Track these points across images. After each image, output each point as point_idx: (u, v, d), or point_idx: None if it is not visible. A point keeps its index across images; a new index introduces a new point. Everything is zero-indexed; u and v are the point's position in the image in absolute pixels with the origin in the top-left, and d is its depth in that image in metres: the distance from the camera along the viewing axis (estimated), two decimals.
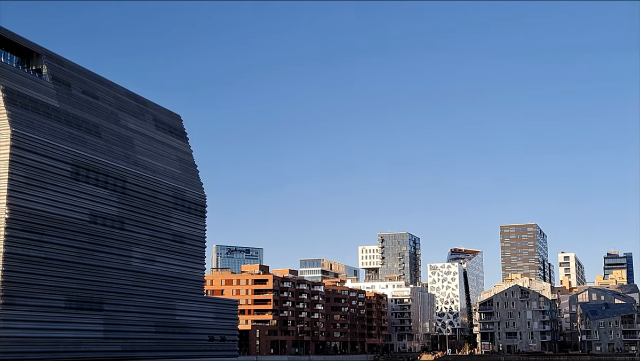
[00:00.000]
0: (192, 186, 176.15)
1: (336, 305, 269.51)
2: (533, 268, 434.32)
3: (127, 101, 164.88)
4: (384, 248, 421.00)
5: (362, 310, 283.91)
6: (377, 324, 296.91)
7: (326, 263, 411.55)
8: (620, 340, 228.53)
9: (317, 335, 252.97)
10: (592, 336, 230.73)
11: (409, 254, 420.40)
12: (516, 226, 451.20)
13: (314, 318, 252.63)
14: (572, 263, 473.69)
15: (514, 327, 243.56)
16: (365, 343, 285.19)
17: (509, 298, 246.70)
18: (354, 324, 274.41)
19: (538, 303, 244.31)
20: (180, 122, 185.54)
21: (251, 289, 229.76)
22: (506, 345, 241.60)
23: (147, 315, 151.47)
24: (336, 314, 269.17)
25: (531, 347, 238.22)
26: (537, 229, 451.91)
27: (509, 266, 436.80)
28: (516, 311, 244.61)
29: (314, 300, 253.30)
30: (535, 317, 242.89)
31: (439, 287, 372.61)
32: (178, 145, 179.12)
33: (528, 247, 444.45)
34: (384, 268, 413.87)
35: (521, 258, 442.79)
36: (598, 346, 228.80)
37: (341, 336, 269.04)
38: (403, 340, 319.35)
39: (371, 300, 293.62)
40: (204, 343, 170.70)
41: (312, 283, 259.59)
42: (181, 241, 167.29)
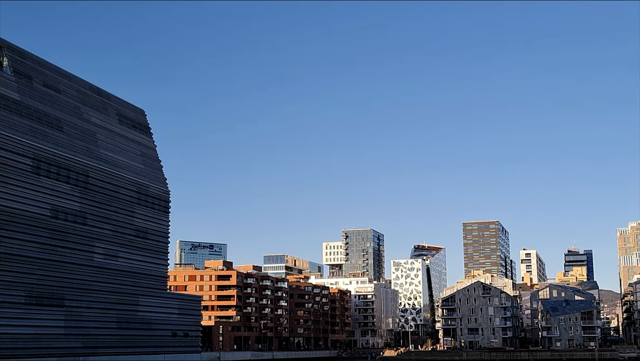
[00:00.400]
0: (156, 181, 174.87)
1: (300, 301, 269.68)
2: (495, 265, 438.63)
3: (90, 94, 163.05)
4: (348, 244, 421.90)
5: (326, 306, 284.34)
6: (340, 320, 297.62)
7: (290, 259, 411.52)
8: (580, 335, 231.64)
9: (280, 331, 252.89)
10: (552, 332, 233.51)
11: (373, 251, 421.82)
12: (478, 223, 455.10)
13: (278, 314, 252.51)
14: (534, 260, 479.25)
15: (475, 323, 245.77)
16: (328, 339, 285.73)
17: (471, 295, 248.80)
18: (317, 320, 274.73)
19: (499, 300, 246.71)
20: (144, 117, 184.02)
21: (214, 285, 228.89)
22: (468, 340, 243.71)
23: (109, 310, 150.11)
24: (300, 310, 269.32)
25: (492, 343, 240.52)
26: (499, 226, 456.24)
27: (471, 263, 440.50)
28: (478, 307, 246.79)
29: (277, 296, 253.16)
30: (497, 313, 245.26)
31: (402, 283, 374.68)
32: (142, 140, 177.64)
33: (490, 244, 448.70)
34: (348, 265, 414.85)
35: (483, 254, 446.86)
36: (558, 342, 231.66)
37: (304, 332, 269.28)
38: (366, 336, 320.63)
39: (335, 296, 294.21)
40: (167, 339, 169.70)
41: (275, 279, 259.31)
42: (144, 237, 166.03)
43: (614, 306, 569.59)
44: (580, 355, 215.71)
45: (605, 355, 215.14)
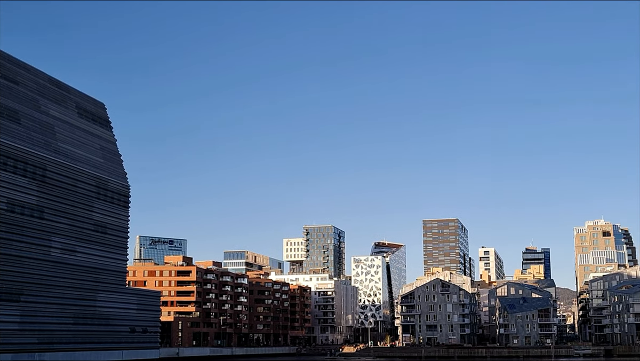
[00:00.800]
0: (116, 176, 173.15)
1: (260, 297, 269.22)
2: (454, 262, 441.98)
3: (48, 87, 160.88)
4: (309, 240, 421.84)
5: (286, 302, 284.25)
6: (300, 316, 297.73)
7: (250, 255, 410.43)
8: (536, 333, 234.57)
9: (240, 327, 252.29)
10: (509, 329, 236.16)
11: (334, 248, 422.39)
12: (438, 221, 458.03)
13: (237, 310, 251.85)
14: (492, 258, 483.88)
15: (434, 320, 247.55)
16: (288, 336, 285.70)
17: (430, 292, 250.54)
18: (277, 316, 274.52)
19: (458, 297, 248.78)
20: (104, 111, 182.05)
21: (174, 281, 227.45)
22: (426, 337, 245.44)
23: (66, 306, 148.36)
24: (260, 306, 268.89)
25: (451, 340, 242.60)
26: (458, 224, 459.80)
27: (431, 260, 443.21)
28: (437, 304, 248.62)
29: (237, 292, 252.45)
30: (455, 310, 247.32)
31: (363, 280, 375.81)
32: (101, 133, 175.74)
33: (449, 241, 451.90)
34: (309, 261, 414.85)
35: (443, 252, 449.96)
36: (515, 339, 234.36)
37: (264, 329, 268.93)
38: (326, 332, 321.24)
39: (295, 293, 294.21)
40: (125, 335, 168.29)
41: (235, 275, 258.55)
42: (103, 232, 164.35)
43: (570, 303, 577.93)
44: (537, 352, 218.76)
45: (560, 352, 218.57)
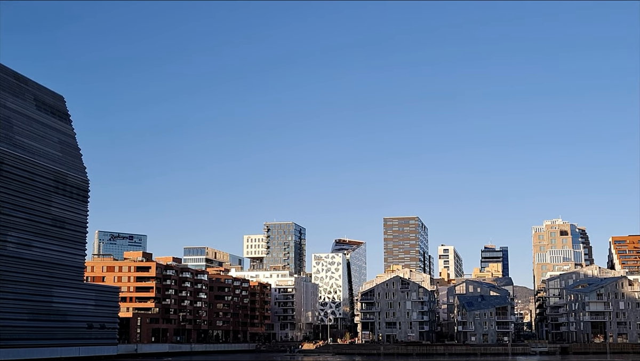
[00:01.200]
0: (74, 170, 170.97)
1: (220, 293, 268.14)
2: (414, 260, 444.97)
3: (5, 78, 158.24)
4: (270, 237, 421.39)
5: (246, 299, 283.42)
6: (260, 313, 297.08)
7: (211, 251, 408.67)
8: (494, 330, 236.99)
9: (199, 324, 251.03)
10: (467, 326, 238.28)
11: (294, 244, 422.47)
12: (399, 219, 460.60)
13: (197, 306, 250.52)
14: (451, 256, 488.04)
15: (393, 317, 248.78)
16: (247, 332, 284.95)
17: (390, 289, 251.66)
18: (237, 313, 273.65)
19: (417, 294, 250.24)
20: (63, 104, 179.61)
21: (133, 277, 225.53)
22: (386, 334, 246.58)
23: (21, 301, 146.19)
24: (219, 303, 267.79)
25: (409, 337, 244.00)
26: (419, 222, 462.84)
27: (391, 258, 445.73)
28: (396, 301, 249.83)
29: (197, 289, 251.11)
30: (415, 308, 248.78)
31: (323, 277, 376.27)
32: (60, 127, 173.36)
33: (410, 239, 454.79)
34: (269, 258, 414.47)
35: (403, 249, 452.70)
36: (473, 336, 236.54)
37: (224, 325, 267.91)
38: (285, 329, 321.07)
39: (255, 289, 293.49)
40: (82, 331, 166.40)
41: (195, 272, 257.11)
42: (61, 226, 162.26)
43: (528, 302, 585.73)
44: (494, 349, 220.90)
45: (518, 350, 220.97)
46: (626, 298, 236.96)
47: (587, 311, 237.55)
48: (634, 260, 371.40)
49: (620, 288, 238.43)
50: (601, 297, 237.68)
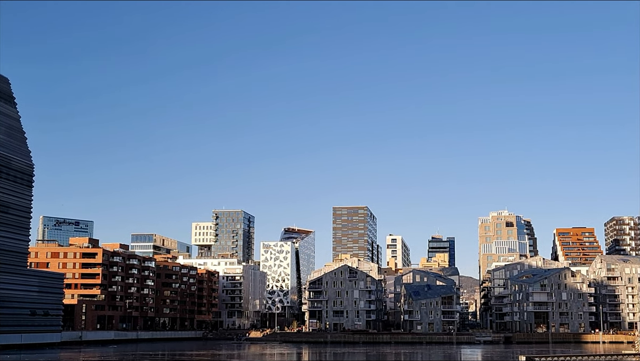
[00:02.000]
0: (19, 154, 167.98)
1: (167, 281, 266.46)
2: (362, 249, 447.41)
3: None
4: (218, 225, 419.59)
5: (193, 286, 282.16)
6: (207, 301, 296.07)
7: (159, 238, 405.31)
8: (439, 319, 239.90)
9: (146, 311, 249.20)
10: (414, 315, 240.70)
11: (243, 232, 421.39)
12: (348, 208, 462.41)
13: (144, 293, 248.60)
14: (399, 245, 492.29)
15: (341, 306, 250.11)
16: (195, 320, 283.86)
17: (338, 278, 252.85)
18: (184, 300, 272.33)
19: (365, 283, 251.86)
20: (8, 86, 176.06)
21: (79, 263, 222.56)
22: (333, 323, 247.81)
23: None
24: (167, 290, 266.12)
25: (356, 325, 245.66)
26: (367, 211, 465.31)
27: (340, 247, 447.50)
28: (344, 290, 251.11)
29: (144, 276, 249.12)
30: (362, 296, 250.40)
31: (271, 265, 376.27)
32: (4, 110, 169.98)
33: (358, 229, 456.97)
34: (217, 245, 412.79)
35: (351, 239, 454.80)
36: (419, 325, 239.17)
37: (171, 313, 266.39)
38: (233, 317, 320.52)
39: (203, 277, 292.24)
40: (25, 318, 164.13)
41: (143, 258, 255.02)
42: (4, 211, 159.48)
43: (473, 291, 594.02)
44: (439, 338, 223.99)
45: (462, 339, 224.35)
46: (568, 289, 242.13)
47: (530, 301, 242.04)
48: (577, 252, 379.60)
49: (563, 279, 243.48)
50: (544, 288, 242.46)
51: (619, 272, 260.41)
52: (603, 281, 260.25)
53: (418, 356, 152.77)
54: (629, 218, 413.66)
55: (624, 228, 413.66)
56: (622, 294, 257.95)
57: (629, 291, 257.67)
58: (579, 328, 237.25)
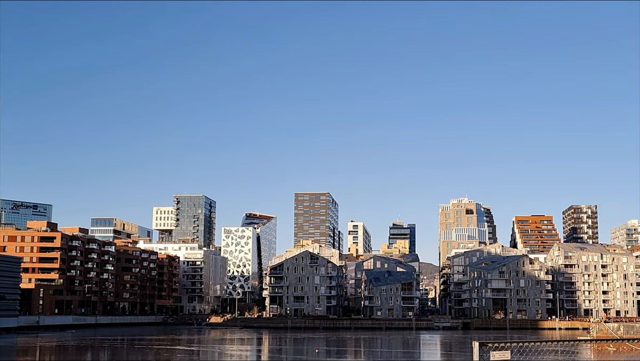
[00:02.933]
0: None
1: (127, 265, 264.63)
2: (324, 235, 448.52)
3: None
4: (179, 209, 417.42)
5: (154, 271, 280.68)
6: (168, 286, 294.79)
7: (119, 222, 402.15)
8: (399, 305, 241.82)
9: (105, 296, 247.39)
10: (374, 301, 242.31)
11: (204, 217, 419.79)
12: (310, 194, 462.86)
13: (103, 278, 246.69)
14: (360, 232, 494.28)
15: (302, 291, 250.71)
16: (155, 305, 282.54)
17: (299, 264, 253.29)
18: (144, 285, 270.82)
19: (326, 269, 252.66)
20: None
21: (37, 247, 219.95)
22: (294, 308, 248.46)
23: None
24: (126, 275, 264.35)
25: (317, 311, 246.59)
26: (329, 198, 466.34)
27: (301, 233, 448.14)
28: (305, 276, 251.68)
29: (104, 260, 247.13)
30: (323, 282, 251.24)
31: (232, 251, 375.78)
32: None
33: (320, 215, 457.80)
34: (178, 230, 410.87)
35: (313, 225, 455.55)
36: (379, 311, 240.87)
37: (131, 297, 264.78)
38: (193, 302, 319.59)
39: (163, 262, 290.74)
40: None
41: (102, 243, 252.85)
42: None
43: (433, 278, 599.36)
44: (399, 324, 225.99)
45: (421, 325, 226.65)
46: (526, 276, 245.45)
47: (489, 288, 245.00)
48: (536, 240, 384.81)
49: (521, 267, 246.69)
50: (503, 275, 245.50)
51: (576, 260, 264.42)
52: (560, 268, 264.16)
53: (377, 342, 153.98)
54: (587, 206, 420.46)
55: (581, 217, 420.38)
56: (578, 282, 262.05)
57: (585, 278, 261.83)
58: (536, 315, 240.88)
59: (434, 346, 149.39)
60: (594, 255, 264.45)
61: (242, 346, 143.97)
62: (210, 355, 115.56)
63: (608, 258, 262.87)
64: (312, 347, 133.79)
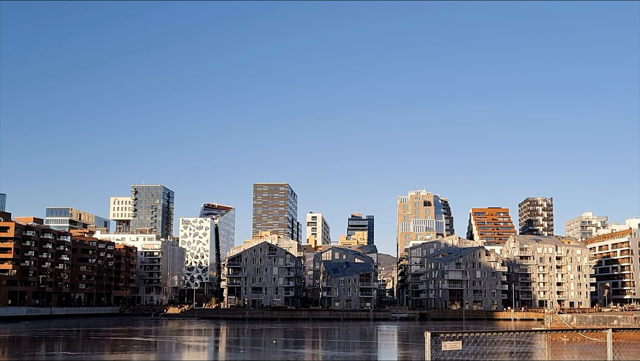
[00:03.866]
0: None
1: (83, 256, 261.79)
2: (282, 226, 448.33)
3: None
4: (137, 200, 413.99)
5: (111, 262, 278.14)
6: (125, 276, 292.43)
7: (75, 212, 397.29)
8: (357, 296, 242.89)
9: (60, 286, 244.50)
10: (332, 292, 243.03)
11: (162, 208, 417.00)
12: (269, 185, 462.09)
13: (59, 268, 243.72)
14: (319, 223, 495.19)
15: (260, 282, 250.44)
16: (112, 295, 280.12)
17: (257, 255, 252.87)
18: (101, 276, 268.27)
19: (284, 260, 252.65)
20: None
21: None
22: (252, 299, 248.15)
23: None
24: (83, 265, 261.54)
25: (275, 302, 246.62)
26: (288, 189, 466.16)
27: (260, 224, 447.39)
28: (263, 267, 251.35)
29: (59, 250, 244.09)
30: (281, 273, 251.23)
31: (190, 241, 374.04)
32: None
33: (279, 206, 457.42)
34: (136, 221, 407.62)
35: (272, 216, 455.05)
36: (337, 302, 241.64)
37: (87, 288, 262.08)
38: (151, 293, 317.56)
39: (120, 252, 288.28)
40: None
41: (58, 233, 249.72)
42: None
43: (391, 269, 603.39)
44: (357, 314, 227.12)
45: (379, 315, 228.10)
46: (482, 268, 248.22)
47: (445, 279, 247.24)
48: (492, 231, 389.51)
49: (478, 258, 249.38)
50: (459, 266, 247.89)
51: (531, 252, 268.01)
52: (516, 260, 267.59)
53: (335, 333, 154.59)
54: (542, 199, 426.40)
55: (537, 209, 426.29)
56: (533, 273, 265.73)
57: (540, 270, 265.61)
58: (492, 306, 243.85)
59: (391, 336, 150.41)
60: (549, 247, 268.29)
61: (200, 337, 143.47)
62: (168, 346, 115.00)
63: (563, 250, 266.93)
64: (270, 338, 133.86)
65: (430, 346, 12.62)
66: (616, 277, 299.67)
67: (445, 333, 12.71)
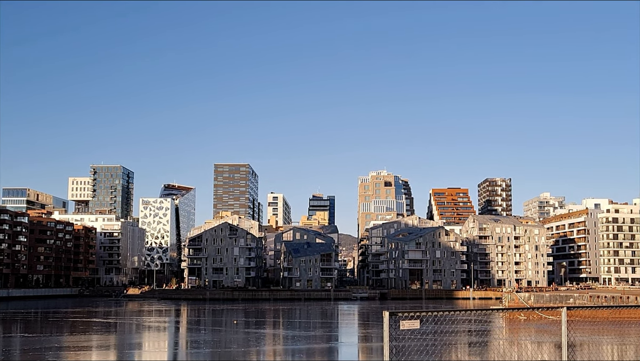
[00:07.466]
0: None
1: (41, 237, 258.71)
2: (243, 207, 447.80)
3: None
4: (96, 180, 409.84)
5: (69, 242, 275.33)
6: (84, 257, 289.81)
7: (32, 193, 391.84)
8: (318, 276, 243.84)
9: (18, 268, 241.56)
10: (293, 273, 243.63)
11: (122, 188, 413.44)
12: (230, 166, 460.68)
13: (16, 250, 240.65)
14: (280, 203, 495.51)
15: (220, 263, 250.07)
16: (70, 277, 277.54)
17: (218, 235, 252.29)
18: (59, 257, 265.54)
19: (245, 241, 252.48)
20: None
21: None
22: (212, 280, 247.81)
23: None
24: (40, 246, 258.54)
25: (236, 282, 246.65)
26: (249, 169, 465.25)
27: (221, 204, 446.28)
28: (224, 247, 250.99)
29: (16, 231, 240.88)
30: (242, 254, 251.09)
31: (150, 222, 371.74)
32: None
33: (240, 186, 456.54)
34: (95, 201, 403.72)
35: (232, 196, 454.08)
36: (298, 282, 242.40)
37: (45, 269, 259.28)
38: (110, 274, 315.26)
39: (79, 233, 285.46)
40: None
41: (15, 214, 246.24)
42: None
43: (352, 249, 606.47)
44: (317, 294, 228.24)
45: (340, 295, 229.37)
46: (442, 247, 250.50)
47: (406, 259, 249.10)
48: (452, 211, 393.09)
49: (438, 238, 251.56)
50: (419, 246, 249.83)
51: (490, 231, 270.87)
52: (475, 240, 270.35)
53: (296, 313, 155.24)
54: (501, 179, 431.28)
55: (496, 189, 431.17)
56: (492, 253, 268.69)
57: (498, 250, 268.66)
58: (451, 285, 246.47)
59: (351, 316, 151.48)
60: (508, 227, 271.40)
61: (160, 317, 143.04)
62: (128, 327, 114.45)
63: (521, 230, 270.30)
64: (231, 318, 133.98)
65: (389, 325, 12.74)
66: (573, 256, 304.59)
67: (403, 313, 12.84)
